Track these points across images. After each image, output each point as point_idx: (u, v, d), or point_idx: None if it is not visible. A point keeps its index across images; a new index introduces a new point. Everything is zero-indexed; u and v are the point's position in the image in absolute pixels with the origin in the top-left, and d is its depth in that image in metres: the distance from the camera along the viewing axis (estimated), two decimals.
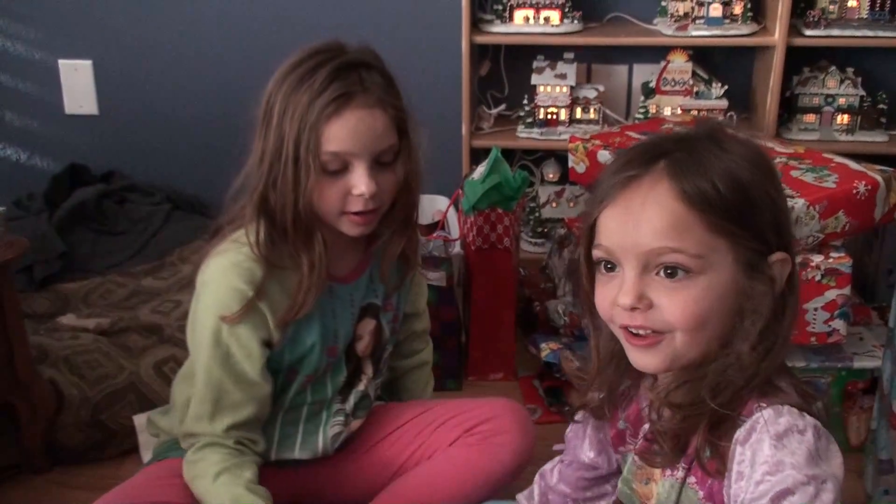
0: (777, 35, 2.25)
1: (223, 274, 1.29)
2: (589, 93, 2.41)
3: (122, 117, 2.63)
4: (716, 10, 2.31)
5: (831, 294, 1.68)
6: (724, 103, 2.38)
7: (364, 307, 1.42)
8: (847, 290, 1.69)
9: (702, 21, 2.32)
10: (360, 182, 1.25)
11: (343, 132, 1.23)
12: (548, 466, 1.27)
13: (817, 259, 1.68)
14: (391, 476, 1.47)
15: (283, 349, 1.34)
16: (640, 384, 1.10)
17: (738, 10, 2.31)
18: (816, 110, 2.38)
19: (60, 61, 2.59)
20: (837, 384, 1.77)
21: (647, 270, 0.95)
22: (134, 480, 1.38)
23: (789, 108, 2.40)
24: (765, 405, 0.94)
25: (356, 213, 1.28)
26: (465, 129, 2.36)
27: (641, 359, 0.99)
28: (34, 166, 2.68)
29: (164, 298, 2.11)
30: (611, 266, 0.99)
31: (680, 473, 1.02)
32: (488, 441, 1.44)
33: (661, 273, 0.95)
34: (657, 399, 1.01)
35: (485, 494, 1.41)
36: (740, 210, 0.94)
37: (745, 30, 2.31)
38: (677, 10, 2.34)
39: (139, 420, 1.73)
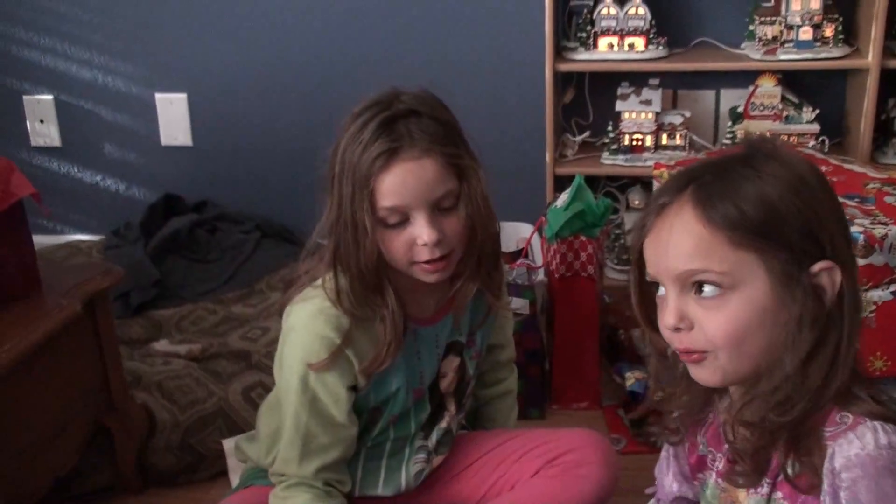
0: (871, 57, 2.19)
1: (311, 320, 1.30)
2: (675, 119, 2.38)
3: (214, 149, 2.71)
4: (806, 34, 2.26)
5: None
6: (815, 128, 2.32)
7: (448, 345, 1.42)
8: None
9: (791, 44, 2.28)
10: (422, 232, 1.25)
11: (395, 186, 1.23)
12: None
13: None
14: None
15: (368, 392, 1.36)
16: (717, 404, 1.09)
17: (829, 32, 2.26)
18: None
19: (157, 95, 2.69)
20: None
21: (684, 291, 0.97)
22: None
23: (884, 132, 2.33)
24: (849, 418, 0.94)
25: (427, 262, 1.27)
26: (548, 157, 2.36)
27: (695, 373, 1.01)
28: (131, 196, 2.78)
29: (253, 325, 2.16)
30: (658, 288, 1.01)
31: (765, 489, 1.00)
32: (571, 473, 1.43)
33: (699, 292, 0.96)
34: (730, 418, 1.01)
35: None
36: (765, 225, 0.93)
37: (836, 52, 2.26)
38: (766, 34, 2.31)
39: (228, 444, 1.77)
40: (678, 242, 0.96)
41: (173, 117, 2.70)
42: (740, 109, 2.36)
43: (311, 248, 1.34)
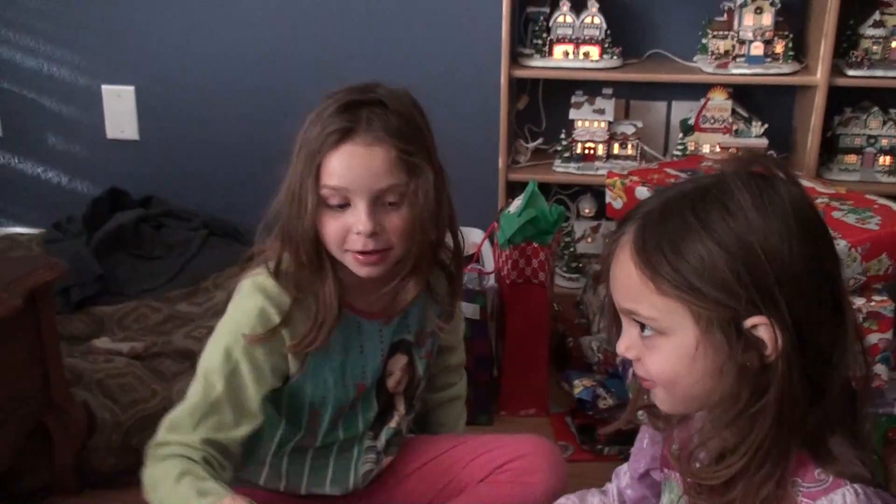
0: (819, 74, 2.23)
1: (252, 293, 1.29)
2: (627, 128, 2.40)
3: (162, 143, 2.66)
4: (757, 49, 2.30)
5: (873, 338, 1.66)
6: (763, 142, 2.36)
7: (395, 343, 1.41)
8: (889, 335, 1.67)
9: (743, 59, 2.31)
10: (359, 220, 1.24)
11: (340, 166, 1.23)
12: (622, 467, 1.25)
13: (859, 302, 1.65)
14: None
15: (304, 383, 1.33)
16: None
17: (779, 48, 2.30)
18: (858, 151, 2.35)
19: (104, 87, 2.63)
20: (878, 430, 1.73)
21: (632, 324, 0.98)
22: None
23: (830, 149, 2.38)
24: (828, 478, 0.91)
25: (360, 253, 1.26)
26: (501, 163, 2.36)
27: (652, 395, 1.02)
28: (74, 190, 2.72)
29: (198, 324, 2.12)
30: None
31: None
32: (519, 479, 1.42)
33: (641, 328, 0.97)
34: (697, 445, 1.00)
35: None
36: (695, 282, 0.90)
37: (786, 69, 2.30)
38: (718, 48, 2.34)
39: None
40: (616, 278, 0.97)
41: (120, 110, 2.65)
42: (691, 121, 2.39)
43: (266, 228, 1.33)
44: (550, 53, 2.35)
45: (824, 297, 0.92)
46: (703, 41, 2.38)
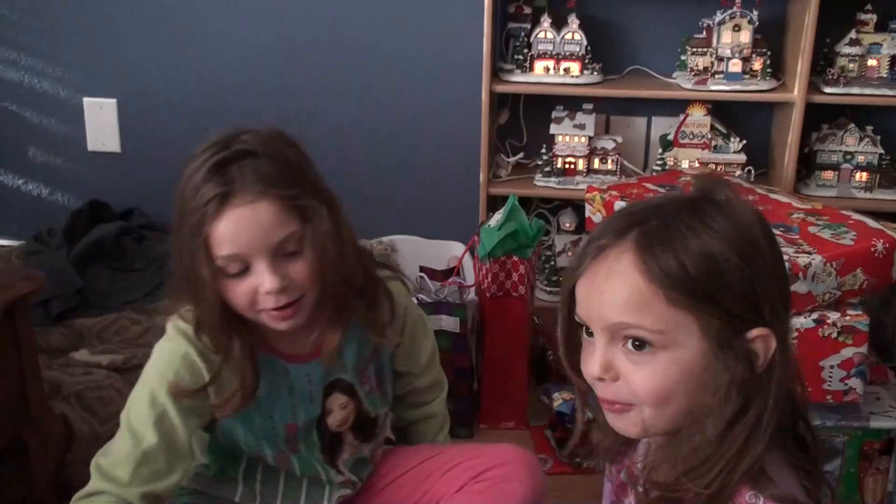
0: (796, 91, 2.26)
1: (174, 337, 1.28)
2: (607, 144, 2.42)
3: (143, 156, 2.65)
4: (735, 66, 2.32)
5: (848, 352, 1.67)
6: (741, 158, 2.38)
7: (331, 383, 1.37)
8: (864, 349, 1.68)
9: (721, 76, 2.34)
10: (264, 280, 1.19)
11: (229, 233, 1.17)
12: None
13: (834, 316, 1.67)
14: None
15: (234, 424, 1.33)
16: (635, 446, 1.07)
17: (757, 66, 2.33)
18: (835, 167, 2.38)
19: (85, 99, 2.63)
20: (853, 444, 1.75)
21: (614, 341, 0.93)
22: None
23: (807, 165, 2.40)
24: (760, 501, 0.89)
25: (274, 310, 1.22)
26: (482, 177, 2.37)
27: (615, 422, 0.97)
28: (55, 202, 2.71)
29: None
30: (590, 332, 0.97)
31: None
32: (496, 488, 1.42)
33: (629, 345, 0.92)
34: (641, 475, 0.98)
35: None
36: (705, 288, 0.90)
37: (764, 85, 2.32)
38: (697, 65, 2.36)
39: None
40: (614, 291, 0.92)
41: (102, 123, 2.64)
42: (670, 137, 2.41)
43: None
44: (531, 69, 2.37)
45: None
46: (682, 58, 2.40)
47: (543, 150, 2.42)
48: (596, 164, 2.42)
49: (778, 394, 0.91)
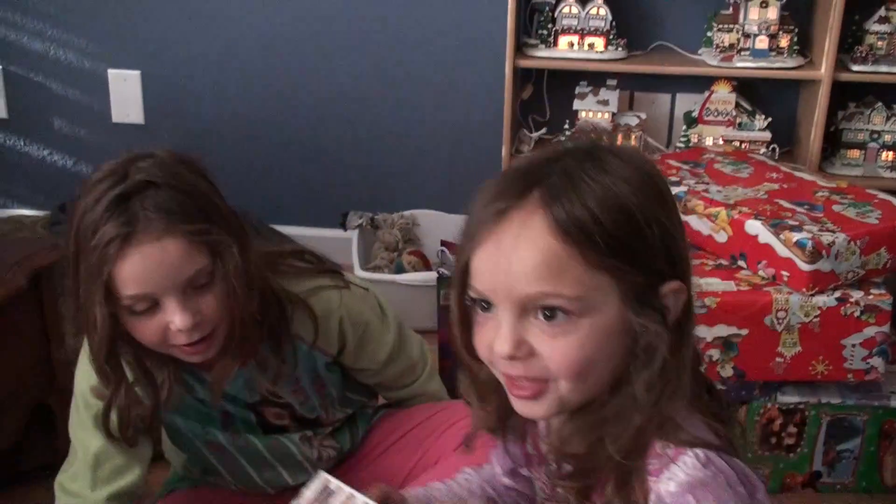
0: (823, 69, 2.24)
1: (84, 362, 1.26)
2: (631, 120, 2.41)
3: (167, 127, 2.67)
4: (762, 43, 2.30)
5: (870, 331, 1.66)
6: (766, 135, 2.37)
7: (252, 404, 1.34)
8: (886, 328, 1.67)
9: (747, 53, 2.31)
10: (174, 318, 1.13)
11: (134, 273, 1.10)
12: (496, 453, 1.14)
13: (857, 295, 1.66)
14: (398, 485, 1.44)
15: (174, 418, 1.33)
16: (535, 424, 0.99)
17: (784, 42, 2.30)
18: (861, 146, 2.35)
19: (110, 71, 2.64)
20: (874, 423, 1.74)
21: (525, 314, 0.84)
22: None
23: (833, 143, 2.38)
24: (671, 449, 0.83)
25: (186, 346, 1.17)
26: (504, 151, 2.36)
27: (527, 409, 0.88)
28: (79, 173, 2.73)
29: None
30: (487, 306, 0.87)
31: None
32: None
33: (540, 316, 0.83)
34: (552, 451, 0.91)
35: None
36: (624, 242, 0.82)
37: (790, 63, 2.30)
38: (723, 41, 2.34)
39: None
40: (525, 259, 0.82)
41: (126, 94, 2.65)
42: (695, 114, 2.39)
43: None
44: (555, 44, 2.35)
45: None
46: (708, 34, 2.38)
47: (566, 126, 2.41)
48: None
49: (690, 346, 0.87)
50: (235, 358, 1.24)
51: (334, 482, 1.03)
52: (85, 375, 1.27)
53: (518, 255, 0.82)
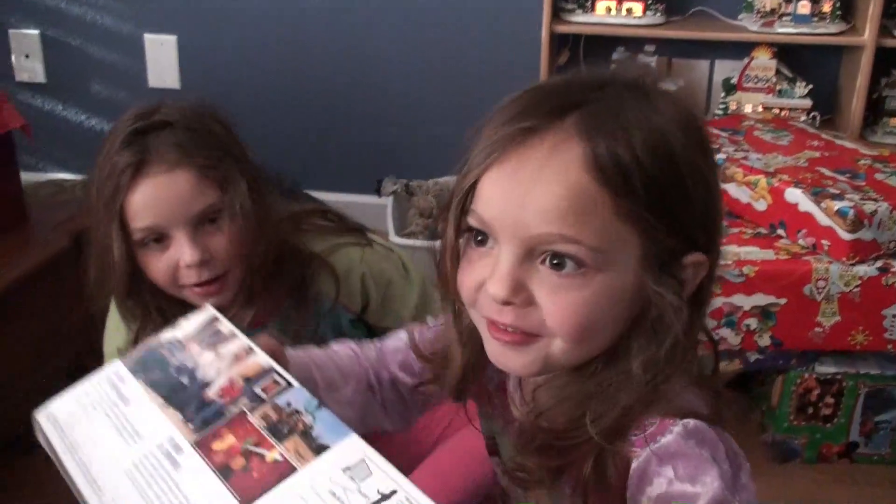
0: (867, 35, 2.19)
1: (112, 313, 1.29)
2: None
3: (203, 93, 2.65)
4: (804, 8, 2.26)
5: None
6: (807, 102, 2.33)
7: None
8: None
9: (788, 18, 2.27)
10: (183, 252, 1.15)
11: (145, 203, 1.13)
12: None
13: None
14: (431, 443, 1.41)
15: None
16: (506, 383, 0.88)
17: (826, 7, 2.26)
18: None
19: (146, 35, 2.65)
20: None
21: (529, 257, 0.72)
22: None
23: (875, 111, 2.34)
24: (655, 421, 0.74)
25: (197, 286, 1.18)
26: None
27: (504, 357, 0.76)
28: None
29: None
30: (483, 239, 0.75)
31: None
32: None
33: (547, 263, 0.72)
34: (527, 420, 0.80)
35: None
36: (664, 194, 0.71)
37: (833, 28, 2.26)
38: (764, 6, 2.30)
39: None
40: (547, 192, 0.70)
41: (162, 59, 2.66)
42: (734, 81, 2.36)
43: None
44: (593, 9, 2.33)
45: None
46: None
47: None
48: None
49: (699, 328, 0.78)
50: (252, 309, 1.24)
51: (224, 321, 0.93)
52: (111, 336, 1.29)
53: (539, 186, 0.70)
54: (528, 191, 0.71)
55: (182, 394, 0.86)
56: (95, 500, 0.79)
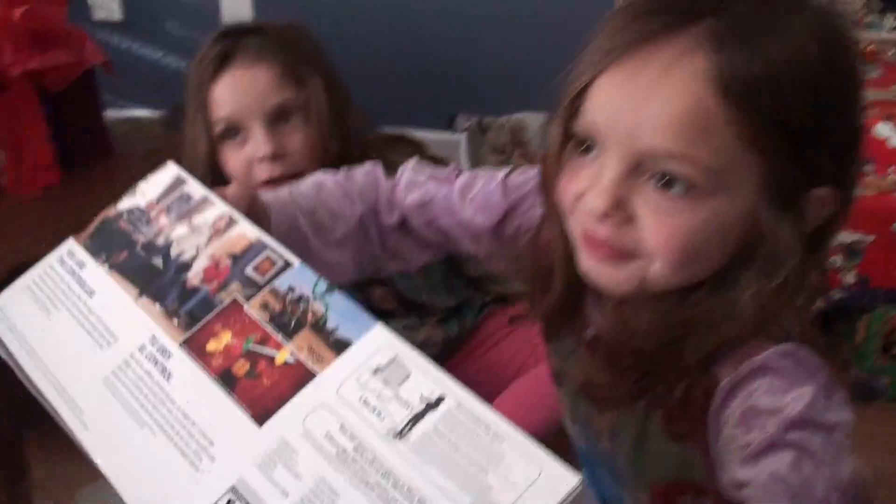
0: None
1: None
2: None
3: None
4: None
5: None
6: (895, 37, 2.25)
7: (359, 284, 1.32)
8: None
9: None
10: (258, 145, 1.21)
11: (224, 94, 1.22)
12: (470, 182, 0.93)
13: None
14: (510, 379, 1.41)
15: None
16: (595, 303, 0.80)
17: None
18: None
19: None
20: None
21: (637, 172, 0.67)
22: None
23: None
24: (749, 347, 0.69)
25: (268, 182, 1.22)
26: None
27: (597, 272, 0.72)
28: None
29: None
30: (588, 147, 0.71)
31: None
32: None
33: (655, 182, 0.67)
34: (614, 340, 0.74)
35: None
36: (796, 119, 0.65)
37: None
38: None
39: None
40: (666, 103, 0.65)
41: None
42: None
43: None
44: None
45: None
46: None
47: None
48: None
49: (816, 265, 0.72)
50: None
51: (193, 181, 0.78)
52: None
53: (659, 95, 0.65)
54: (647, 98, 0.65)
55: (158, 280, 0.71)
56: (76, 423, 0.64)
